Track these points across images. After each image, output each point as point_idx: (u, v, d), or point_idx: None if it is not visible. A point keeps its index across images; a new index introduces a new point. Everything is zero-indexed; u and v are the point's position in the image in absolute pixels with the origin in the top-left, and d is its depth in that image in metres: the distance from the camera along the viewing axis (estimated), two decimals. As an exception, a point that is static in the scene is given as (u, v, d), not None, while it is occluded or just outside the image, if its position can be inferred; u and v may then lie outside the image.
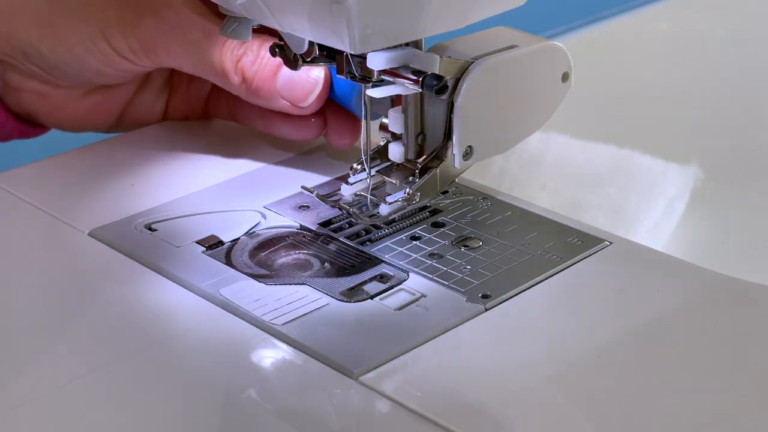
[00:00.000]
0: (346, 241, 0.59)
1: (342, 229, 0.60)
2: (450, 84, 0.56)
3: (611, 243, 0.58)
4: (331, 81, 0.63)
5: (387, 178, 0.59)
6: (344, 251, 0.58)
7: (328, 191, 0.62)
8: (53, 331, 0.53)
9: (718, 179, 0.80)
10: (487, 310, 0.53)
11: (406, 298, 0.54)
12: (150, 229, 0.60)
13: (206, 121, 0.73)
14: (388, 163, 0.60)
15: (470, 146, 0.58)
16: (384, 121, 0.60)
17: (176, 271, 0.56)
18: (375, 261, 0.57)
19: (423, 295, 0.54)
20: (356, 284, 0.55)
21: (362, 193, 0.59)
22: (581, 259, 0.57)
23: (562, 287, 0.55)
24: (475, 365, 0.50)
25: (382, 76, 0.55)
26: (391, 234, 0.59)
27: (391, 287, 0.55)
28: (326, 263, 0.57)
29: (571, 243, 0.58)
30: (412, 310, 0.53)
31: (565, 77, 0.61)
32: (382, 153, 0.60)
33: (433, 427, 0.46)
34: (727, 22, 1.02)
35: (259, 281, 0.55)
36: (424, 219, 0.60)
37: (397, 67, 0.55)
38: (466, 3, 0.54)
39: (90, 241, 0.59)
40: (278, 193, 0.63)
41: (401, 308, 0.53)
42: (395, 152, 0.59)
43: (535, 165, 0.76)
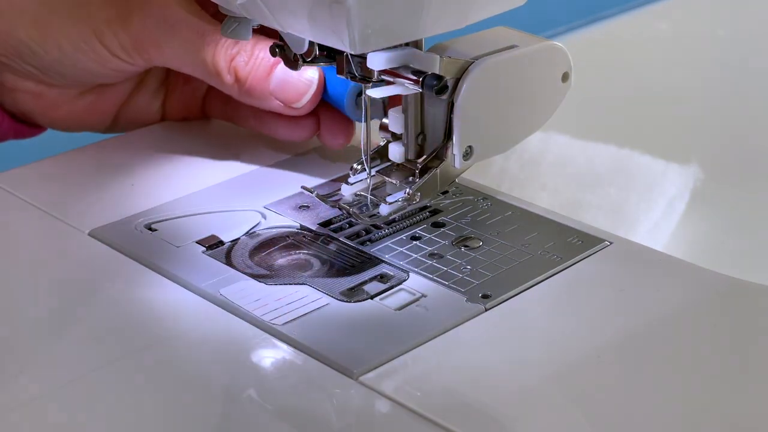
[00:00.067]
0: (346, 241, 0.59)
1: (342, 229, 0.60)
2: (450, 84, 0.56)
3: (611, 243, 0.58)
4: (325, 82, 0.63)
5: (387, 178, 0.59)
6: (344, 251, 0.58)
7: (328, 191, 0.62)
8: (53, 331, 0.53)
9: (718, 179, 0.80)
10: (487, 310, 0.53)
11: (406, 298, 0.54)
12: (150, 229, 0.60)
13: (206, 121, 0.73)
14: (388, 163, 0.60)
15: (470, 146, 0.58)
16: (384, 121, 0.60)
17: (176, 271, 0.56)
18: (375, 261, 0.57)
19: (423, 295, 0.54)
20: (356, 284, 0.55)
21: (362, 193, 0.59)
22: (581, 259, 0.57)
23: (562, 287, 0.55)
24: (475, 365, 0.50)
25: (382, 76, 0.55)
26: (391, 234, 0.59)
27: (391, 287, 0.55)
28: (326, 263, 0.57)
29: (571, 243, 0.58)
30: (412, 310, 0.53)
31: (565, 77, 0.61)
32: (382, 153, 0.60)
33: (433, 427, 0.46)
34: (727, 22, 1.02)
35: (260, 281, 0.55)
36: (424, 219, 0.60)
37: (397, 67, 0.55)
38: (466, 3, 0.54)
39: (90, 241, 0.59)
40: (278, 193, 0.63)
41: (401, 308, 0.53)
42: (395, 152, 0.59)
43: (535, 165, 0.76)
